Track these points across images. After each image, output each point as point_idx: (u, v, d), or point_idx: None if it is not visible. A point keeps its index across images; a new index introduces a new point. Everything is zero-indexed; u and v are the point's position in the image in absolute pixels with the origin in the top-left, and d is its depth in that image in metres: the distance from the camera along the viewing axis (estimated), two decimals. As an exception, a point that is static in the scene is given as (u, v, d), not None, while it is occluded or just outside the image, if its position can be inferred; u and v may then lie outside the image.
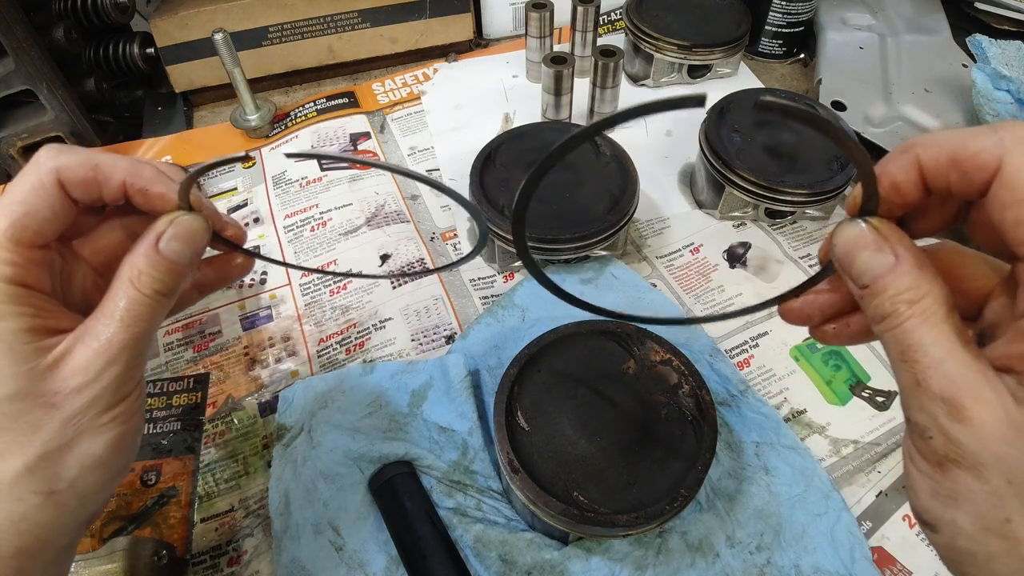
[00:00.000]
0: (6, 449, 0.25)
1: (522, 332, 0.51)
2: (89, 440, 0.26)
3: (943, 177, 0.22)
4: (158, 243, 0.27)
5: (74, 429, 0.25)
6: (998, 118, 0.63)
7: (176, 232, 0.27)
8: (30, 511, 0.25)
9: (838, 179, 0.54)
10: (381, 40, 0.77)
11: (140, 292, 0.26)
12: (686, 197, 0.63)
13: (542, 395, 0.42)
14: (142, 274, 0.26)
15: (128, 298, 0.26)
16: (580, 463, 0.39)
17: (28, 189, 0.26)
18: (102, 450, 0.26)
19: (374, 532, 0.41)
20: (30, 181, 0.26)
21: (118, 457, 0.27)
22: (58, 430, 0.25)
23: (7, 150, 0.67)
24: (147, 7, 0.78)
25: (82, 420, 0.26)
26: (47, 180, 0.26)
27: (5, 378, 0.25)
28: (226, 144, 0.71)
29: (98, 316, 0.26)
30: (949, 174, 0.22)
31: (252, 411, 0.49)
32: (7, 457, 0.25)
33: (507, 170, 0.56)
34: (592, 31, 0.71)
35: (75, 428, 0.25)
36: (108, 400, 0.26)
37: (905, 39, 0.77)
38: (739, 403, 0.47)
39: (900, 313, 0.22)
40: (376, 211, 0.62)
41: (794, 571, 0.40)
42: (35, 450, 0.25)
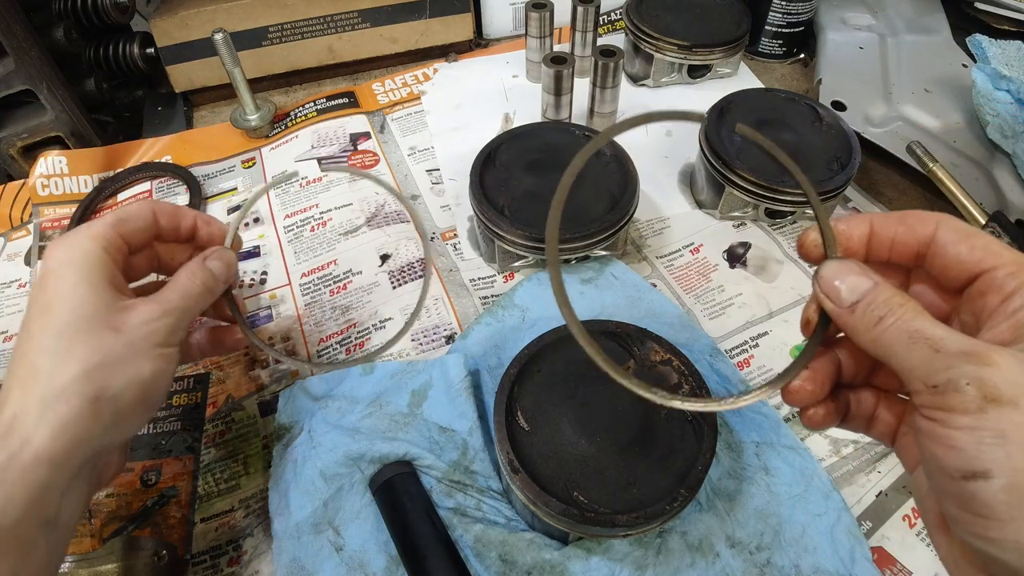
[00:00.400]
0: (70, 357, 0.31)
1: (522, 332, 0.51)
2: (139, 362, 0.33)
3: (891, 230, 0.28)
4: (205, 260, 0.38)
5: (131, 351, 0.33)
6: (998, 118, 0.63)
7: (219, 255, 0.39)
8: (73, 414, 0.30)
9: (838, 179, 0.54)
10: (381, 40, 0.77)
11: (192, 283, 0.37)
12: (686, 197, 0.63)
13: (542, 395, 0.42)
14: (195, 273, 0.37)
15: (184, 284, 0.37)
16: (580, 463, 0.39)
17: (134, 210, 0.38)
18: (147, 373, 0.33)
19: (374, 532, 0.41)
20: (137, 206, 0.38)
21: (154, 386, 0.34)
22: (118, 348, 0.32)
23: (7, 150, 0.67)
24: (147, 7, 0.78)
25: (138, 345, 0.33)
26: (146, 207, 0.38)
27: (85, 303, 0.32)
28: (226, 144, 0.71)
29: (162, 291, 0.36)
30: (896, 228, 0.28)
31: (252, 411, 0.49)
32: (69, 363, 0.31)
33: (507, 170, 0.56)
34: (592, 31, 0.71)
35: (132, 350, 0.33)
36: (160, 339, 0.34)
37: (905, 39, 0.77)
38: (739, 403, 0.47)
39: (896, 310, 0.25)
40: (376, 211, 0.62)
41: (794, 571, 0.40)
42: (94, 360, 0.31)
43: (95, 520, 0.44)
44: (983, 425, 0.22)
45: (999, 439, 0.22)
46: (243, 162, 0.70)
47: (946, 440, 0.23)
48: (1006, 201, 0.58)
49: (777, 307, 0.54)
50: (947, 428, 0.23)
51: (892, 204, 0.63)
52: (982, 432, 0.22)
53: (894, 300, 0.25)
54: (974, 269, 0.26)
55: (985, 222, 0.50)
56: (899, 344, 0.25)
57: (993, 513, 0.22)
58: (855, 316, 0.26)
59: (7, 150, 0.67)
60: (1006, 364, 0.22)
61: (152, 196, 0.66)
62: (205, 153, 0.71)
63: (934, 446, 0.24)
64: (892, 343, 0.25)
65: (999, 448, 0.22)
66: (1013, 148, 0.60)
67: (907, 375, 0.25)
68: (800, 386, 0.29)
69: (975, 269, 0.26)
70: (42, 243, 0.63)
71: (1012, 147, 0.61)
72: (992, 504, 0.22)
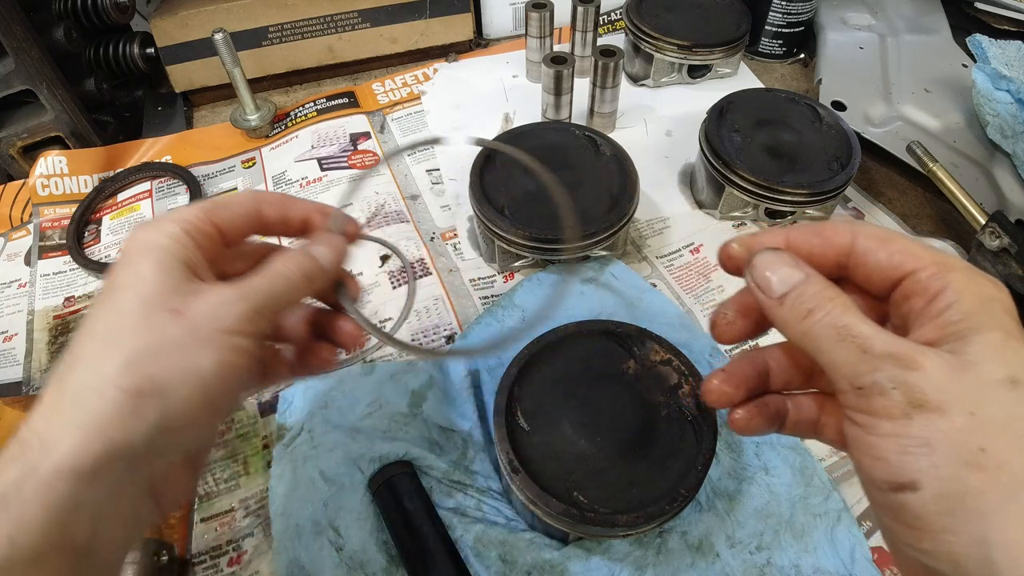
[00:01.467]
0: (116, 344, 0.25)
1: (522, 332, 0.51)
2: (198, 349, 0.26)
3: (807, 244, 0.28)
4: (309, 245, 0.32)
5: (190, 336, 0.26)
6: (998, 118, 0.63)
7: (326, 239, 0.33)
8: (108, 411, 0.24)
9: (838, 179, 0.54)
10: (381, 40, 0.77)
11: (286, 266, 0.30)
12: (686, 197, 0.63)
13: (542, 395, 0.42)
14: (291, 257, 0.30)
15: (275, 267, 0.30)
16: (580, 463, 0.39)
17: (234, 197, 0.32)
18: (207, 365, 0.26)
19: (374, 532, 0.41)
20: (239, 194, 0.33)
21: (217, 381, 0.26)
22: (173, 332, 0.26)
23: (7, 150, 0.67)
24: (147, 7, 0.78)
25: (201, 330, 0.26)
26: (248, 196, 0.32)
27: (149, 284, 0.26)
28: (226, 144, 0.71)
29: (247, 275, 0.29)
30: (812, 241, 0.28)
31: (252, 411, 0.49)
32: (112, 351, 0.25)
33: (507, 170, 0.56)
34: (592, 31, 0.71)
35: (191, 336, 0.26)
36: (229, 324, 0.27)
37: (905, 39, 0.77)
38: (739, 403, 0.47)
39: (825, 304, 0.25)
40: (376, 211, 0.62)
41: (794, 571, 0.40)
42: (141, 345, 0.25)
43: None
44: (908, 433, 0.22)
45: (925, 447, 0.21)
46: (243, 162, 0.70)
47: (872, 450, 0.23)
48: (1006, 201, 0.58)
49: (777, 307, 0.54)
50: (873, 436, 0.23)
51: (892, 204, 0.63)
52: (907, 440, 0.22)
53: (824, 293, 0.25)
54: (896, 274, 0.26)
55: (985, 222, 0.50)
56: (827, 340, 0.24)
57: (924, 524, 0.22)
58: (784, 307, 0.26)
59: (7, 150, 0.67)
60: (933, 368, 0.22)
61: (152, 196, 0.66)
62: (205, 153, 0.71)
63: (861, 456, 0.23)
64: (820, 337, 0.24)
65: (925, 457, 0.21)
66: (1013, 148, 0.61)
67: (834, 373, 0.24)
68: (717, 386, 0.29)
69: (897, 274, 0.26)
70: (42, 243, 0.63)
71: (1012, 147, 0.61)
72: (922, 515, 0.22)
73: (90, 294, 0.59)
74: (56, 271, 0.61)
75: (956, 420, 0.21)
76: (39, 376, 0.53)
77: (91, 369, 0.25)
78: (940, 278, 0.24)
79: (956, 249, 0.57)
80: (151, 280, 0.27)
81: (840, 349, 0.24)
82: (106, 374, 0.25)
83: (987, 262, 0.50)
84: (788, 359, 0.30)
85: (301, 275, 0.30)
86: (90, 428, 0.24)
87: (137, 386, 0.25)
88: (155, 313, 0.26)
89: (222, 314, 0.27)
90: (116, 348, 0.25)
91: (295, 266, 0.30)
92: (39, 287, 0.60)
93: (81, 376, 0.25)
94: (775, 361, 0.30)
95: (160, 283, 0.27)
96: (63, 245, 0.62)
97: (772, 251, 0.27)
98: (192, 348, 0.26)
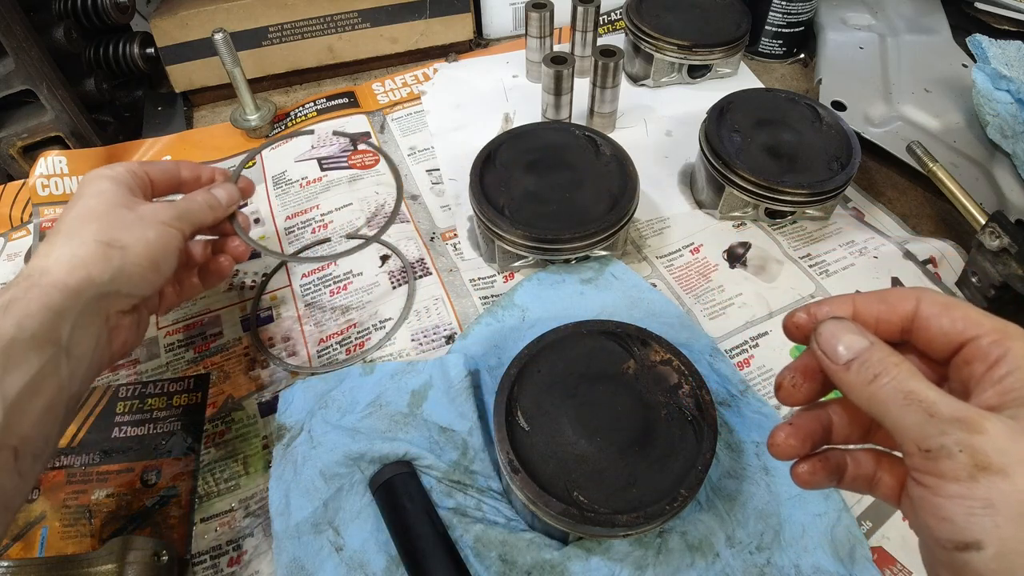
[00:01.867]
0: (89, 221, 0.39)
1: (522, 332, 0.51)
2: (146, 227, 0.40)
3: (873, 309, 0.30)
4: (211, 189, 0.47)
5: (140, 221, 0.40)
6: (998, 118, 0.63)
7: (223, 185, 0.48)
8: (86, 254, 0.37)
9: (838, 179, 0.54)
10: (381, 40, 0.77)
11: (195, 197, 0.46)
12: (686, 197, 0.63)
13: (542, 395, 0.42)
14: (199, 192, 0.47)
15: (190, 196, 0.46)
16: (580, 463, 0.39)
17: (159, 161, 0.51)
18: (153, 236, 0.40)
19: (374, 532, 0.41)
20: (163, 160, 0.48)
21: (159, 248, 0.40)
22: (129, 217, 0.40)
23: (7, 150, 0.67)
24: (147, 7, 0.78)
25: (147, 219, 0.41)
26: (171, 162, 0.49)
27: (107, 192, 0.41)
28: (226, 144, 0.71)
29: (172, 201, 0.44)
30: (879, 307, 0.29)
31: (252, 411, 0.49)
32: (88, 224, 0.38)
33: (507, 170, 0.56)
34: (592, 31, 0.71)
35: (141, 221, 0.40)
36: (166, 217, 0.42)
37: (905, 39, 0.77)
38: (739, 403, 0.47)
39: (891, 370, 0.26)
40: (376, 211, 0.62)
41: (794, 571, 0.40)
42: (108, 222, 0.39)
43: (95, 520, 0.44)
44: (973, 495, 0.23)
45: (989, 509, 0.22)
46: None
47: (938, 511, 0.24)
48: (1006, 201, 0.58)
49: (777, 307, 0.54)
50: (939, 497, 0.24)
51: (892, 204, 0.63)
52: (972, 502, 0.23)
53: (889, 360, 0.26)
54: (958, 339, 0.27)
55: (985, 222, 0.50)
56: (893, 404, 0.25)
57: None
58: (851, 373, 0.27)
59: (7, 150, 0.67)
60: (996, 432, 0.23)
61: (152, 196, 0.67)
62: (205, 153, 0.71)
63: (926, 516, 0.24)
64: (886, 402, 0.25)
65: (989, 518, 0.22)
66: (1013, 148, 0.61)
67: (900, 436, 0.25)
68: (784, 440, 0.30)
69: (959, 339, 0.27)
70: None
71: (1012, 147, 0.61)
72: (984, 573, 0.22)
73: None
74: (56, 271, 0.61)
75: (1018, 482, 0.22)
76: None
77: (73, 233, 0.38)
78: (1000, 345, 0.26)
79: (956, 249, 0.57)
80: (110, 192, 0.41)
81: (907, 413, 0.25)
82: (84, 234, 0.38)
83: (987, 262, 0.50)
84: (848, 415, 0.31)
85: (206, 203, 0.46)
86: (76, 263, 0.36)
87: (108, 240, 0.38)
88: (115, 208, 0.40)
89: (160, 212, 0.42)
90: (91, 223, 0.39)
91: (202, 198, 0.46)
92: (39, 287, 0.60)
93: (66, 237, 0.38)
94: (837, 416, 0.31)
95: (116, 193, 0.41)
96: (63, 245, 0.62)
97: (836, 320, 0.28)
98: (141, 226, 0.40)
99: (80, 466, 0.47)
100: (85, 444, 0.48)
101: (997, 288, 0.49)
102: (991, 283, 0.50)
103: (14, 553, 0.43)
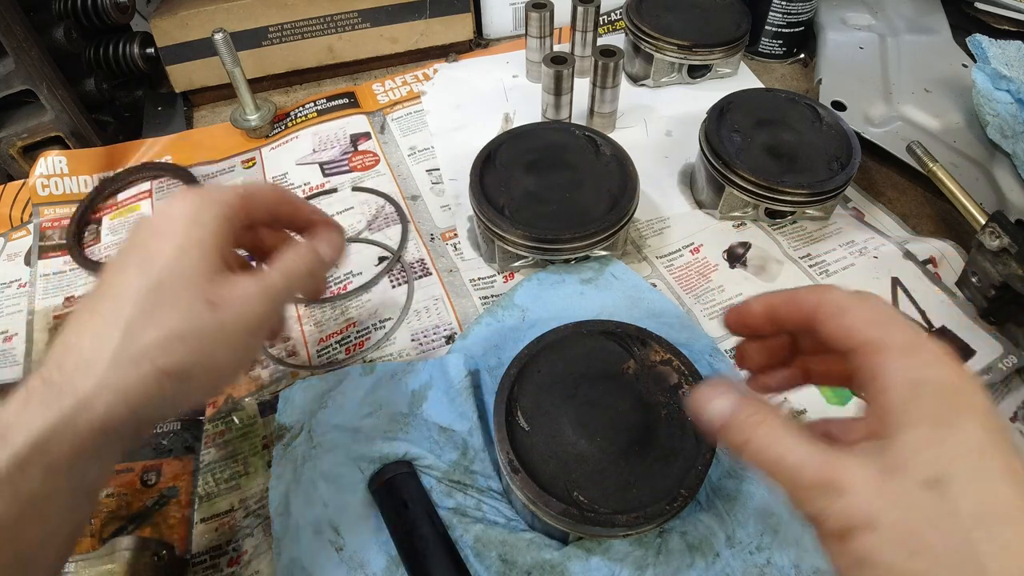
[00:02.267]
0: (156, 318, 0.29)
1: (522, 332, 0.51)
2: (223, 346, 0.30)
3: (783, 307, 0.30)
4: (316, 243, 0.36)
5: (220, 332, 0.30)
6: (998, 118, 0.63)
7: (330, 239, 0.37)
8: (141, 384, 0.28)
9: (838, 179, 0.54)
10: (381, 40, 0.77)
11: (298, 265, 0.34)
12: (686, 197, 0.63)
13: (542, 395, 0.42)
14: (303, 256, 0.35)
15: (290, 266, 0.34)
16: (580, 463, 0.39)
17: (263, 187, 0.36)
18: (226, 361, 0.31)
19: (374, 532, 0.41)
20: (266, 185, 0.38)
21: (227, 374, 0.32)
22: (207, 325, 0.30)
23: (7, 150, 0.67)
24: (147, 7, 0.78)
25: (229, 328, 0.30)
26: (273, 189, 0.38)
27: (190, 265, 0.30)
28: (226, 144, 0.71)
29: (268, 270, 0.33)
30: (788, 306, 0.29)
31: (252, 411, 0.49)
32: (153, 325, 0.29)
33: (507, 170, 0.56)
34: (592, 31, 0.71)
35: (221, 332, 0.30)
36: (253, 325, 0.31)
37: (905, 39, 0.77)
38: (739, 403, 0.47)
39: (756, 433, 0.26)
40: (376, 213, 0.62)
41: (794, 571, 0.40)
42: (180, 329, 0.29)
43: (95, 520, 0.44)
44: (849, 552, 0.23)
45: (863, 566, 0.23)
46: (243, 162, 0.70)
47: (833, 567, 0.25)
48: (1006, 201, 0.58)
49: (777, 307, 0.54)
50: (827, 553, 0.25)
51: (892, 204, 0.63)
52: (849, 560, 0.23)
53: (751, 420, 0.26)
54: (846, 346, 0.27)
55: (985, 222, 0.50)
56: (766, 471, 0.26)
57: None
58: (727, 439, 0.27)
59: (7, 150, 0.67)
60: (859, 485, 0.23)
61: (152, 196, 0.66)
62: (205, 153, 0.71)
63: None
64: (760, 468, 0.26)
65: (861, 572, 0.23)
66: (1013, 148, 0.61)
67: None
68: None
69: (846, 346, 0.27)
70: (42, 243, 0.63)
71: (1012, 147, 0.61)
72: None
73: (90, 294, 0.59)
74: (56, 271, 0.61)
75: (885, 534, 0.23)
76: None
77: (133, 338, 0.28)
78: (872, 363, 0.25)
79: (956, 249, 0.57)
80: (192, 260, 0.30)
81: (778, 481, 0.25)
82: (144, 346, 0.28)
83: (987, 262, 0.50)
84: None
85: (308, 272, 0.35)
86: (122, 394, 0.28)
87: (169, 368, 0.29)
88: (195, 300, 0.30)
89: (247, 314, 0.31)
90: (157, 324, 0.29)
91: (305, 265, 0.35)
92: (39, 287, 0.60)
93: (122, 343, 0.28)
94: None
95: (199, 267, 0.30)
96: (63, 245, 0.62)
97: (706, 384, 0.29)
98: (218, 343, 0.30)
99: (80, 466, 0.47)
100: (85, 444, 0.48)
101: (997, 288, 0.49)
102: (991, 283, 0.50)
103: (14, 553, 0.43)
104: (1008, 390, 0.49)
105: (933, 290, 0.53)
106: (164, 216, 0.32)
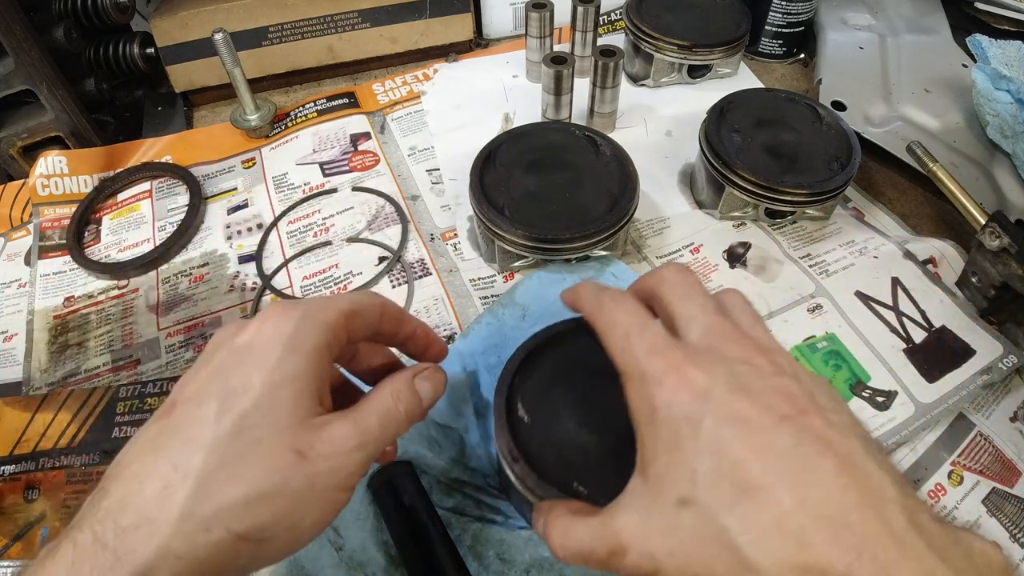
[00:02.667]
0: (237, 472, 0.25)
1: (522, 331, 0.51)
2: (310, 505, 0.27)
3: None
4: (415, 379, 0.33)
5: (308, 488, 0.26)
6: (998, 118, 0.63)
7: (431, 375, 0.34)
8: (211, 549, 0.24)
9: (838, 179, 0.54)
10: (381, 40, 0.77)
11: (396, 407, 0.31)
12: (686, 197, 0.63)
13: (543, 387, 0.42)
14: (400, 395, 0.31)
15: (387, 407, 0.30)
16: (580, 455, 0.39)
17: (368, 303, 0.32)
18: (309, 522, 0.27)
19: (374, 532, 0.41)
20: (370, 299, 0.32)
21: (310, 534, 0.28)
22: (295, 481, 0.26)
23: (7, 150, 0.67)
24: (147, 7, 0.78)
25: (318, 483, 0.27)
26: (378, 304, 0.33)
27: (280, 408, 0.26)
28: (226, 144, 0.71)
29: (362, 409, 0.30)
30: None
31: (252, 411, 0.49)
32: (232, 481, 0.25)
33: (507, 170, 0.56)
34: (592, 31, 0.71)
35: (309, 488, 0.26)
36: (343, 479, 0.28)
37: (905, 39, 0.77)
38: (739, 403, 0.47)
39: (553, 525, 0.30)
40: (376, 213, 0.62)
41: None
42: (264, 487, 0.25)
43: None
44: None
45: None
46: (243, 162, 0.70)
47: None
48: (1006, 201, 0.58)
49: (777, 307, 0.54)
50: None
51: (892, 204, 0.63)
52: None
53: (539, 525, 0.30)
54: None
55: (985, 222, 0.50)
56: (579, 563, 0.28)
57: None
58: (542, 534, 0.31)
59: (7, 150, 0.67)
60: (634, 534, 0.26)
61: (152, 196, 0.66)
62: (205, 153, 0.71)
63: None
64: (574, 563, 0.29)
65: None
66: (1013, 148, 0.61)
67: None
68: None
69: None
70: (42, 243, 0.63)
71: (1012, 147, 0.61)
72: None
73: (90, 294, 0.59)
74: (56, 271, 0.61)
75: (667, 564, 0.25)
76: (39, 376, 0.53)
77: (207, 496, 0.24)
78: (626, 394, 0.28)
79: (956, 249, 0.57)
80: (287, 403, 0.26)
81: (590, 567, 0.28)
82: (220, 507, 0.24)
83: (987, 262, 0.50)
84: None
85: (407, 417, 0.31)
86: (189, 563, 0.24)
87: (244, 532, 0.25)
88: (284, 451, 0.26)
89: (340, 468, 0.27)
90: (236, 480, 0.25)
91: (404, 407, 0.31)
92: (39, 287, 0.60)
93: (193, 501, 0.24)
94: None
95: (293, 412, 0.26)
96: (63, 245, 0.62)
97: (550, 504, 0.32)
98: (305, 501, 0.26)
99: (80, 466, 0.47)
100: (85, 444, 0.48)
101: (997, 288, 0.49)
102: (991, 283, 0.50)
103: (14, 553, 0.43)
104: (1008, 390, 0.49)
105: (933, 290, 0.53)
106: (255, 336, 0.28)
